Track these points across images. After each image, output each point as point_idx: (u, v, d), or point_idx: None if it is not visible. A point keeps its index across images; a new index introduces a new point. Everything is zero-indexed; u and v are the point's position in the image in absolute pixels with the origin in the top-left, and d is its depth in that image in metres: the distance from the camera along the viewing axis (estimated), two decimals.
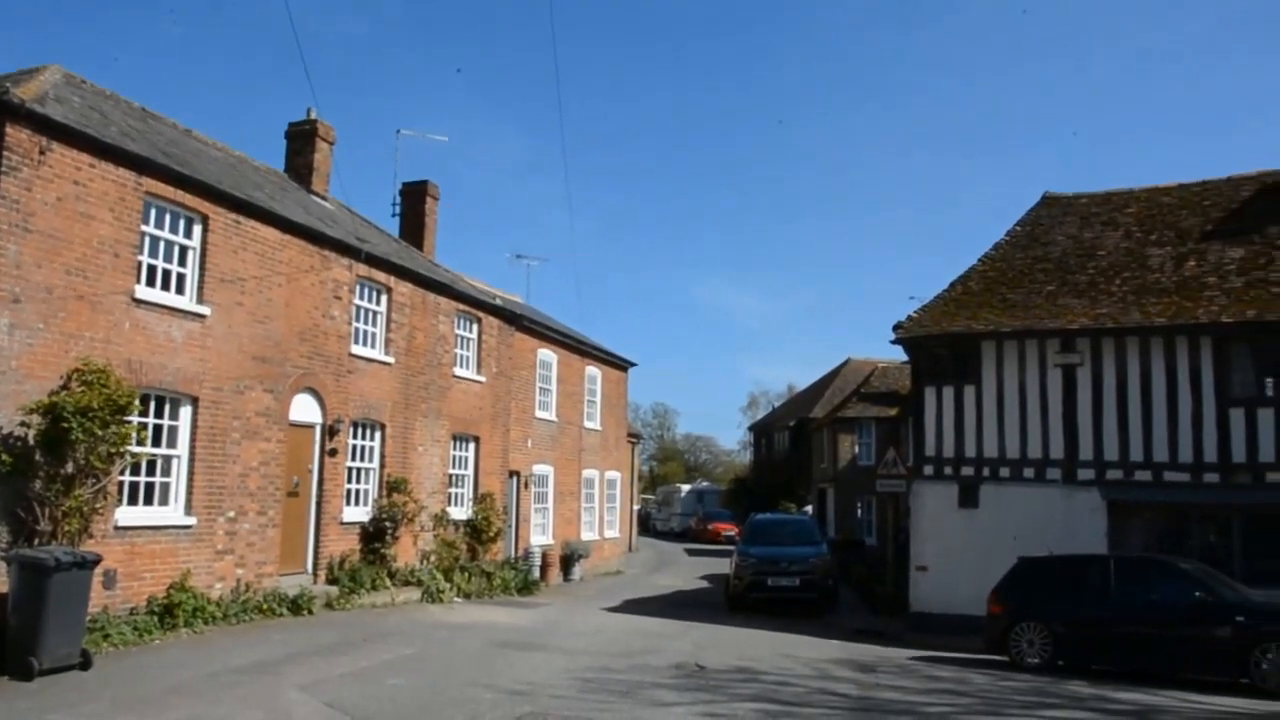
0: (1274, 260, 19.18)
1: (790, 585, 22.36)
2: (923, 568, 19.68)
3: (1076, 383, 19.02)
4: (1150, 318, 18.63)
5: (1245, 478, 17.85)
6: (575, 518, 30.24)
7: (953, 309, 20.34)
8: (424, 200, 25.85)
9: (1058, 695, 12.60)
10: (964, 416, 19.70)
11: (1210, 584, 14.54)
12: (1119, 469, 18.64)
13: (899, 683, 13.04)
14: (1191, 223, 20.94)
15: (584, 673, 12.36)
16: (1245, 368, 18.20)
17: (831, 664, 14.57)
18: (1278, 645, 13.40)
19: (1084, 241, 21.37)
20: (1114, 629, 14.82)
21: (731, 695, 11.37)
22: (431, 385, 21.42)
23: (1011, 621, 15.55)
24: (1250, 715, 11.69)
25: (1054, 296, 19.96)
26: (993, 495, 19.31)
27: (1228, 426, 18.03)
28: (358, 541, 19.00)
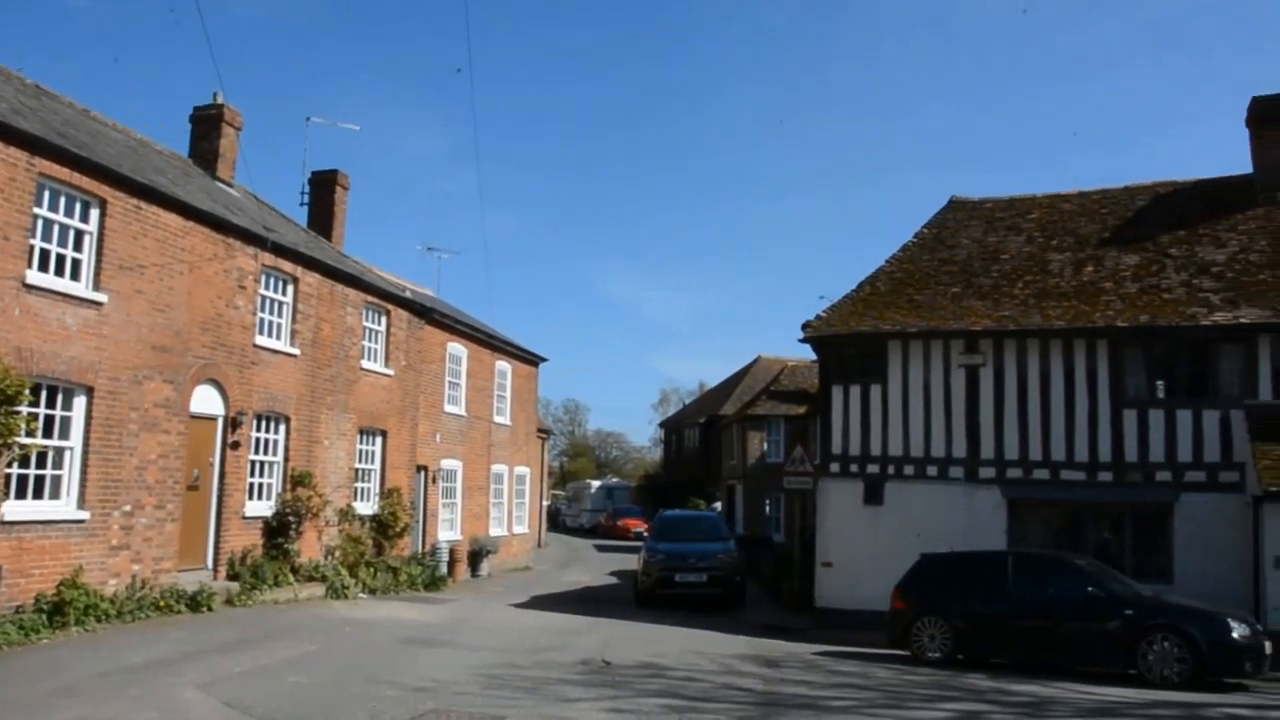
0: (1165, 268, 19.84)
1: (698, 581, 22.47)
2: (828, 564, 19.96)
3: (979, 383, 19.46)
4: (1050, 321, 19.14)
5: (1137, 476, 18.46)
6: (484, 513, 30.03)
7: (861, 309, 20.65)
8: (334, 190, 25.43)
9: (958, 688, 12.87)
10: (870, 415, 20.02)
11: (1102, 579, 15.01)
12: (1019, 468, 19.13)
13: (804, 678, 13.19)
14: (1090, 230, 21.55)
15: (489, 669, 12.27)
16: (1138, 370, 18.83)
17: (737, 659, 14.67)
18: (1162, 637, 13.89)
19: (988, 245, 21.85)
20: (1012, 623, 15.20)
21: (637, 691, 11.38)
22: (338, 378, 21.09)
23: (913, 617, 15.84)
24: (1135, 704, 12.08)
25: (959, 298, 20.38)
26: (897, 493, 19.67)
27: (1121, 427, 18.63)
28: (260, 537, 18.62)
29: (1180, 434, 18.33)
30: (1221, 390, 18.32)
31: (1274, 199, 20.77)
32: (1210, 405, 18.25)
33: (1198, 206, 21.28)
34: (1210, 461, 18.12)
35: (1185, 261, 19.91)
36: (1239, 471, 17.84)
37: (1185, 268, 19.76)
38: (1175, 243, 20.48)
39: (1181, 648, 13.74)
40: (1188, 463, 18.24)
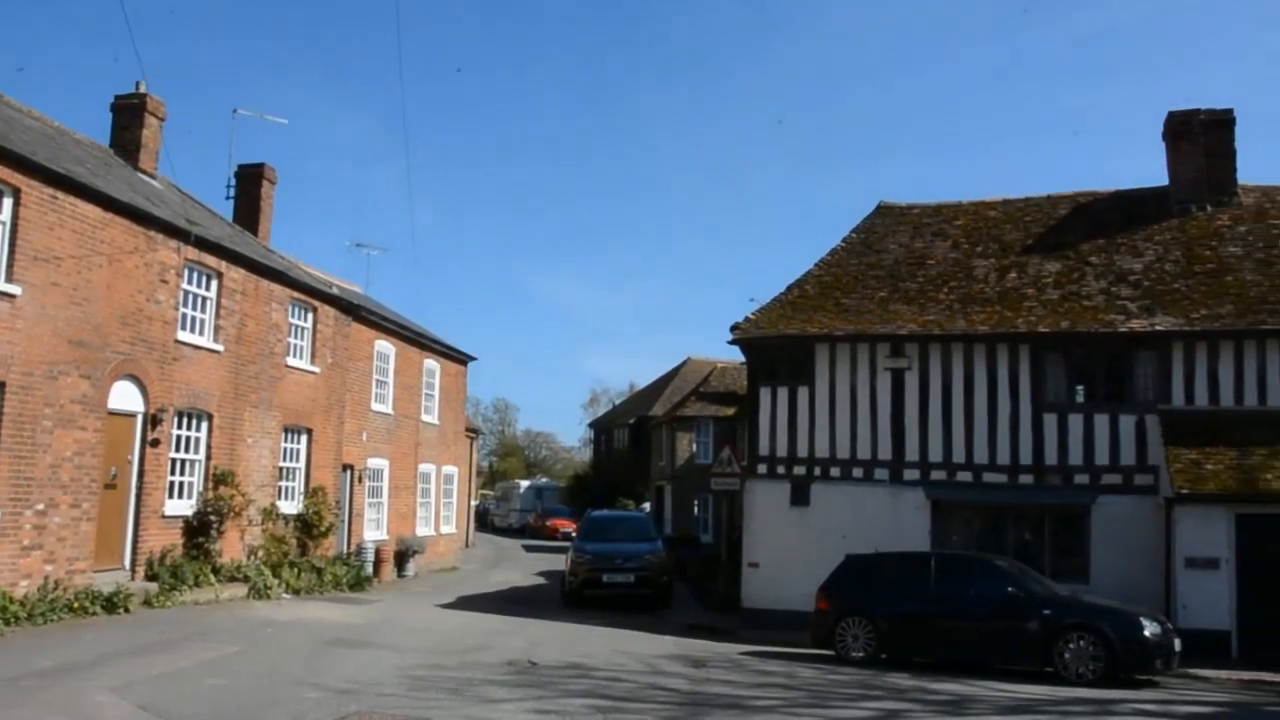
0: (1085, 275, 20.31)
1: (626, 582, 22.50)
2: (755, 564, 20.10)
3: (904, 386, 19.74)
4: (974, 326, 19.48)
5: (1056, 479, 18.88)
6: (411, 513, 29.75)
7: (789, 312, 20.83)
8: (260, 184, 25.03)
9: (880, 687, 13.05)
10: (797, 417, 20.20)
11: (1022, 580, 15.32)
12: (942, 470, 19.44)
13: (729, 677, 13.27)
14: (1014, 237, 21.98)
15: (414, 670, 12.16)
16: (1059, 375, 19.26)
17: (664, 659, 14.71)
18: (1078, 636, 14.23)
19: (915, 251, 22.18)
20: (934, 623, 15.46)
21: (563, 691, 11.36)
22: (263, 375, 20.75)
23: (838, 617, 16.01)
24: (1051, 701, 12.36)
25: (885, 303, 20.66)
26: (823, 494, 19.87)
27: (1042, 431, 19.03)
28: (181, 536, 18.26)
29: (1098, 438, 18.78)
30: (1137, 395, 18.81)
31: (1188, 210, 21.37)
32: (1126, 410, 18.72)
33: (1117, 216, 21.81)
34: (1126, 464, 18.60)
35: (1104, 270, 20.40)
36: (1153, 474, 18.32)
37: (1104, 276, 20.23)
38: (1095, 251, 20.97)
39: (1096, 646, 14.09)
40: (1104, 466, 18.70)
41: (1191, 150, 21.63)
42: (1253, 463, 17.26)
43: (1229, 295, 19.11)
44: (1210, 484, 17.01)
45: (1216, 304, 18.94)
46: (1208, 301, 19.05)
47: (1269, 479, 16.91)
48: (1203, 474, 17.18)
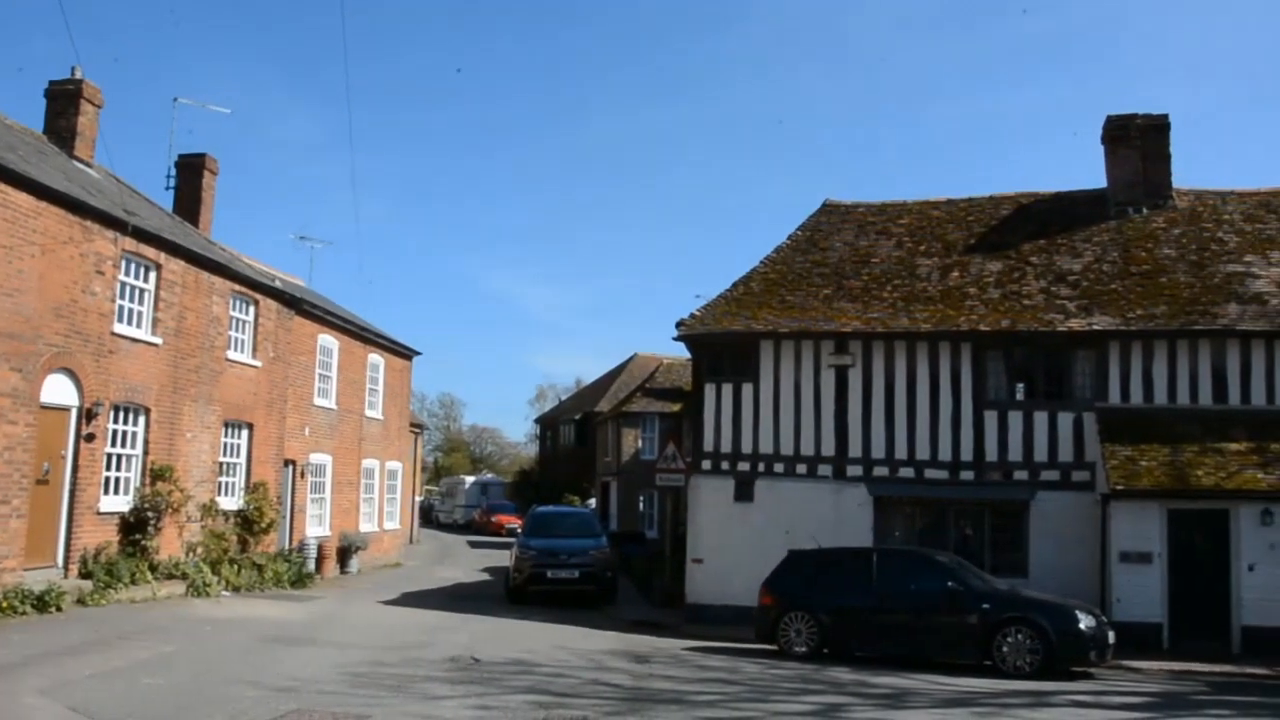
0: (1026, 275, 20.63)
1: (570, 577, 22.48)
2: (699, 560, 20.17)
3: (848, 383, 19.91)
4: (917, 324, 19.70)
5: (996, 475, 19.18)
6: (354, 509, 29.48)
7: (734, 309, 20.92)
8: (201, 174, 24.62)
9: (822, 681, 13.16)
10: (742, 413, 20.29)
11: (962, 574, 15.54)
12: (885, 466, 19.65)
13: (672, 672, 13.31)
14: (957, 236, 22.25)
15: (355, 667, 12.06)
16: (999, 373, 19.57)
17: (607, 655, 14.73)
18: (1016, 629, 14.46)
19: (860, 249, 22.36)
20: (876, 618, 15.62)
21: (505, 688, 11.34)
22: (203, 369, 20.45)
23: (781, 612, 16.12)
24: (989, 693, 12.54)
25: (830, 300, 20.82)
26: (767, 490, 19.98)
27: (983, 428, 19.32)
28: (117, 533, 17.93)
29: (1037, 435, 19.11)
30: (1075, 393, 19.17)
31: (1125, 213, 21.79)
32: (1065, 408, 19.07)
33: (1057, 217, 22.18)
34: (1064, 461, 18.95)
35: (1044, 270, 20.72)
36: (1090, 471, 18.67)
37: (1044, 275, 20.56)
38: (1036, 251, 21.30)
39: (1033, 639, 14.33)
40: (1043, 462, 19.03)
41: (1128, 154, 22.08)
42: (1184, 459, 17.68)
43: (1163, 296, 19.51)
44: (1144, 480, 17.39)
45: (1151, 304, 19.34)
46: (1143, 302, 19.44)
47: (1199, 475, 17.33)
48: (1137, 470, 17.55)
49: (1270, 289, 19.36)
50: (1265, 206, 21.70)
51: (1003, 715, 11.07)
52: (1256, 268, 19.96)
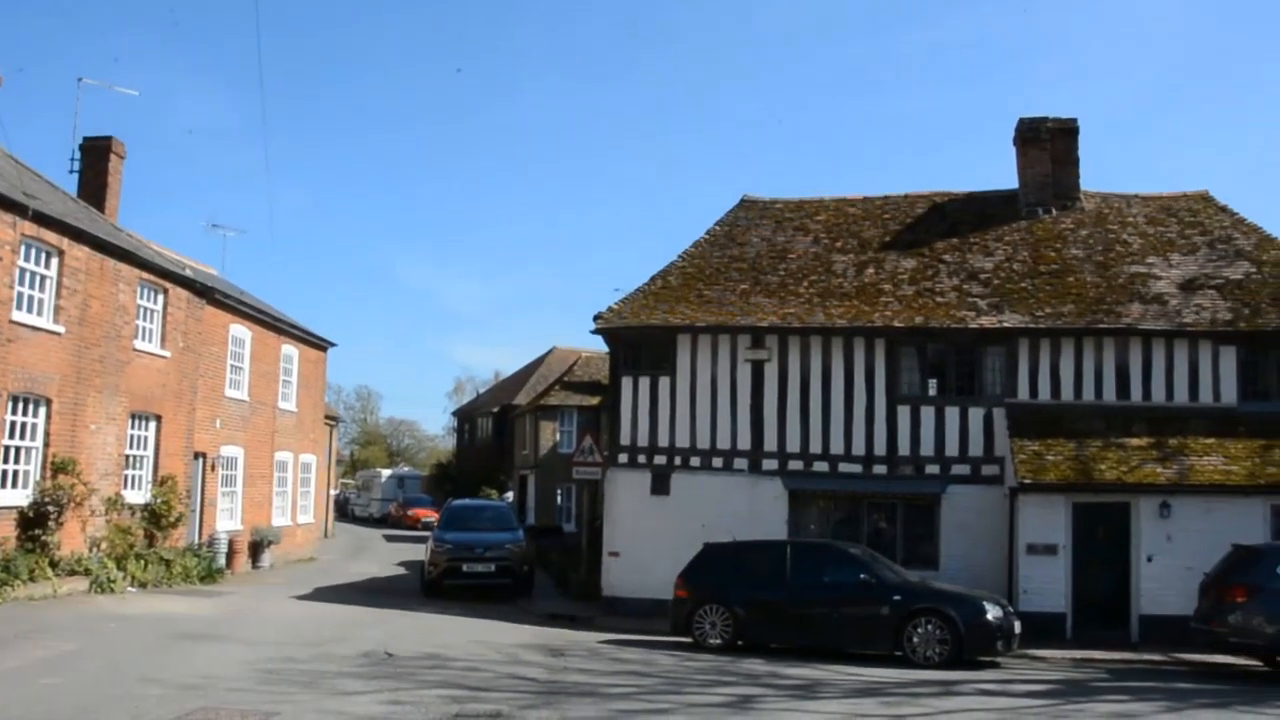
0: (939, 272, 21.02)
1: (486, 571, 22.36)
2: (615, 554, 20.21)
3: (764, 378, 20.10)
4: (833, 319, 19.96)
5: (908, 469, 19.54)
6: (267, 502, 28.96)
7: (652, 302, 20.98)
8: (108, 158, 23.95)
9: (735, 673, 13.29)
10: (659, 407, 20.37)
11: (874, 567, 15.81)
12: (800, 460, 19.88)
13: (587, 666, 13.33)
14: (872, 233, 22.57)
15: (265, 664, 11.86)
16: (913, 369, 19.94)
17: (522, 649, 14.70)
18: (926, 620, 14.76)
19: (777, 244, 22.57)
20: (790, 610, 15.82)
21: (419, 682, 11.26)
22: (109, 359, 19.91)
23: (696, 605, 16.22)
24: (899, 683, 12.80)
25: (747, 295, 20.98)
26: (684, 483, 20.10)
27: (896, 422, 19.66)
28: (14, 528, 17.36)
29: (949, 429, 19.51)
30: (986, 389, 19.62)
31: (1035, 213, 22.33)
32: (976, 403, 19.50)
33: (970, 217, 22.64)
34: (974, 455, 19.38)
35: (957, 268, 21.13)
36: (999, 465, 19.12)
37: (957, 273, 20.97)
38: (949, 249, 21.71)
39: (943, 630, 14.65)
40: (954, 456, 19.44)
41: (1039, 156, 22.61)
42: (1089, 454, 18.21)
43: (1070, 295, 20.04)
44: (1050, 474, 17.87)
45: (1059, 303, 19.85)
46: (1051, 300, 19.94)
47: (1103, 469, 17.87)
48: (1044, 464, 18.02)
49: (1170, 290, 19.98)
50: (1167, 210, 22.39)
51: (911, 704, 11.29)
52: (1158, 269, 20.59)
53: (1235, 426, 18.54)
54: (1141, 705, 11.67)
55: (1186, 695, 12.37)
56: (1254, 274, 20.25)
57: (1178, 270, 20.52)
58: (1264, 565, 14.01)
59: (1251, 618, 13.75)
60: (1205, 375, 19.09)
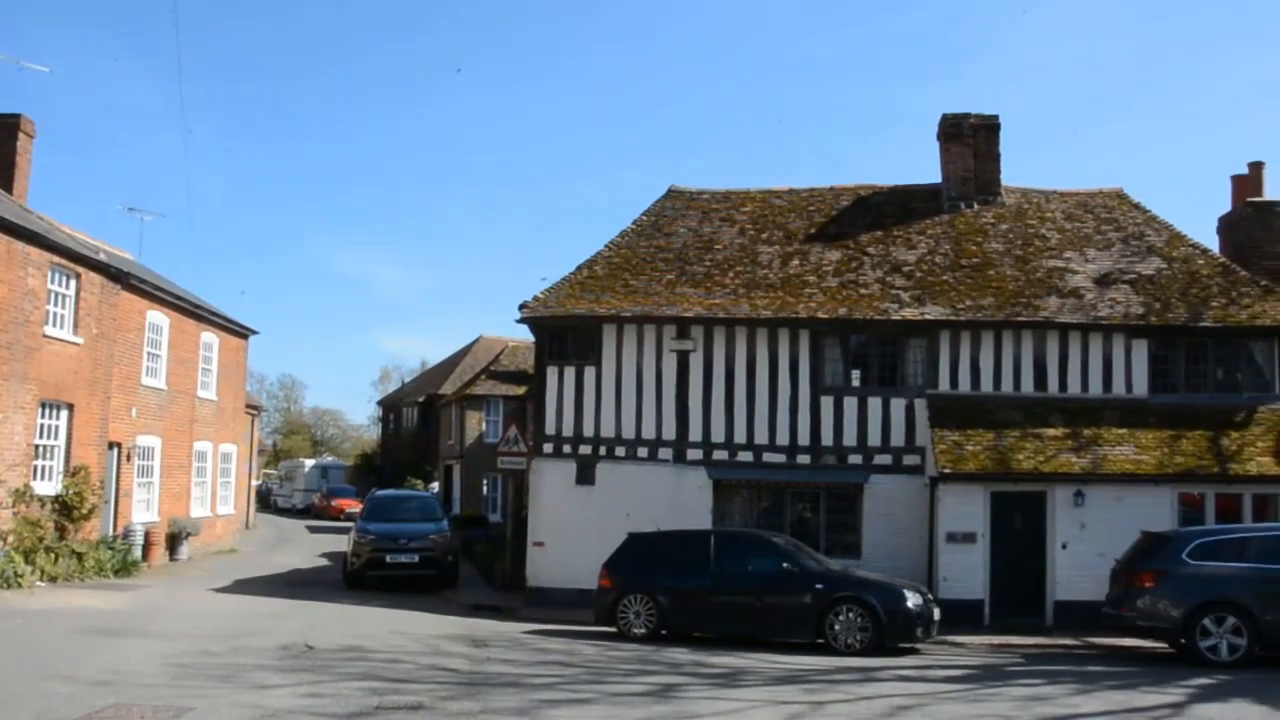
0: (863, 265, 21.26)
1: (410, 562, 22.21)
2: (540, 544, 20.16)
3: (689, 368, 20.17)
4: (758, 310, 20.09)
5: (831, 459, 19.76)
6: (185, 493, 28.40)
7: (578, 292, 20.93)
8: (15, 136, 23.22)
9: (659, 662, 13.34)
10: (584, 397, 20.35)
11: (796, 556, 15.98)
12: (724, 450, 19.99)
13: (510, 656, 13.30)
14: (798, 225, 22.74)
15: (180, 658, 11.65)
16: (836, 360, 20.15)
17: (445, 640, 14.63)
18: (847, 608, 14.96)
19: (703, 235, 22.63)
20: (713, 599, 15.91)
21: (339, 675, 11.15)
22: (16, 345, 19.33)
23: (620, 594, 16.25)
24: (820, 670, 12.95)
25: (673, 285, 21.03)
26: (609, 473, 20.11)
27: (819, 413, 19.85)
28: None
29: (871, 420, 19.75)
30: (908, 380, 19.90)
31: (957, 207, 22.66)
32: (898, 394, 19.77)
33: (893, 210, 22.92)
34: (896, 445, 19.64)
35: (881, 260, 21.39)
36: (920, 455, 19.41)
37: (880, 266, 21.22)
38: (873, 242, 21.95)
39: (864, 617, 14.87)
40: (877, 446, 19.68)
41: (962, 151, 22.95)
42: (1007, 444, 18.58)
43: (991, 288, 20.40)
44: (970, 464, 18.20)
45: (980, 296, 20.20)
46: (972, 293, 20.28)
47: (1020, 459, 18.25)
48: (963, 454, 18.35)
49: (1087, 284, 20.44)
50: (1083, 207, 22.89)
51: (831, 691, 11.43)
52: (1075, 264, 21.04)
53: (1146, 417, 19.04)
54: (1053, 688, 11.93)
55: (1096, 677, 12.69)
56: (1165, 270, 20.79)
57: (1093, 265, 20.99)
58: (1171, 551, 14.40)
59: (1158, 602, 14.14)
60: (1118, 367, 19.57)
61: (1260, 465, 18.00)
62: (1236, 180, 22.89)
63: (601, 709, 10.12)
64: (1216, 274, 20.66)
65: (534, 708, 9.80)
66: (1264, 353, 19.63)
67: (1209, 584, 13.85)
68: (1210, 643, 13.61)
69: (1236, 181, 22.89)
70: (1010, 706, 10.65)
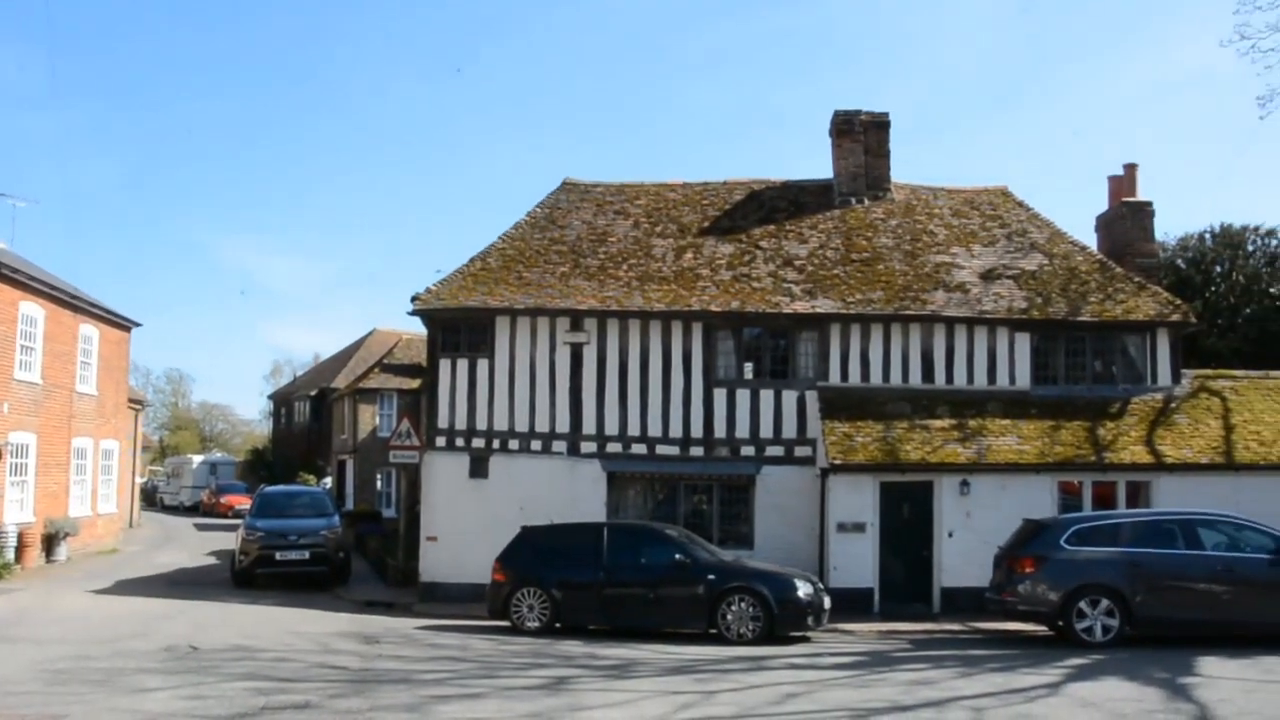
0: (756, 259, 21.49)
1: (300, 559, 21.87)
2: (433, 538, 19.98)
3: (583, 361, 20.18)
4: (651, 303, 20.18)
5: (724, 451, 19.96)
6: (63, 491, 27.40)
7: (471, 284, 20.77)
8: None
9: (552, 655, 13.34)
10: (477, 389, 20.20)
11: (689, 547, 16.08)
12: (618, 442, 20.05)
13: (402, 652, 13.18)
14: (691, 219, 22.88)
15: (55, 663, 11.29)
16: (729, 353, 20.35)
17: (336, 637, 14.44)
18: (739, 598, 15.13)
19: (597, 228, 22.64)
20: (606, 591, 15.95)
21: (224, 675, 10.94)
22: None
23: (513, 588, 16.17)
24: (712, 660, 13.08)
25: (566, 278, 20.99)
26: (502, 467, 20.01)
27: (712, 405, 20.03)
28: None
29: (763, 412, 19.99)
30: (800, 373, 20.19)
31: (848, 203, 23.05)
32: (789, 386, 20.05)
33: (786, 205, 23.21)
34: (788, 437, 19.92)
35: (773, 254, 21.65)
36: (812, 446, 19.72)
37: (773, 260, 21.48)
38: (765, 236, 22.21)
39: (755, 607, 15.05)
40: (769, 438, 19.94)
41: (853, 148, 23.35)
42: (895, 435, 19.00)
43: (880, 282, 20.81)
44: (859, 455, 18.57)
45: (869, 290, 20.59)
46: (862, 288, 20.66)
47: (908, 450, 18.68)
48: (853, 446, 18.70)
49: (972, 279, 20.98)
50: (970, 204, 23.48)
51: (723, 681, 11.55)
52: (961, 259, 21.58)
53: (1028, 409, 19.64)
54: (938, 672, 12.25)
55: (979, 661, 13.07)
56: (1046, 266, 21.45)
57: (979, 261, 21.55)
58: (1050, 537, 14.88)
59: (1038, 586, 14.61)
60: (1002, 360, 20.13)
61: (1134, 454, 18.72)
62: (1113, 181, 23.67)
63: (493, 703, 10.08)
64: (1094, 270, 21.39)
65: (424, 703, 9.73)
66: (1138, 346, 20.40)
67: (1084, 568, 14.36)
68: (1086, 624, 14.12)
69: (1113, 182, 23.67)
70: (896, 691, 10.90)
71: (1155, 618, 14.15)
